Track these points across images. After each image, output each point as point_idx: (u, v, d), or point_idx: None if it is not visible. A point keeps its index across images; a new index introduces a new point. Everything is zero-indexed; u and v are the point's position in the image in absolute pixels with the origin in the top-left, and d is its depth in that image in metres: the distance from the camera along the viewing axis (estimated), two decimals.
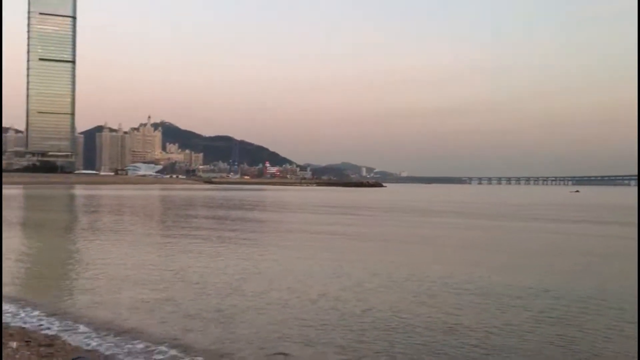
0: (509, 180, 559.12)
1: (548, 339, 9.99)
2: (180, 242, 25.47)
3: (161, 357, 8.39)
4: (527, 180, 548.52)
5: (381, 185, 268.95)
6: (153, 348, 8.83)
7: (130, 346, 8.95)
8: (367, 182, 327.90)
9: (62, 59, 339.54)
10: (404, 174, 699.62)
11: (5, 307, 11.16)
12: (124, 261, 19.02)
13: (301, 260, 19.87)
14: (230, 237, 27.79)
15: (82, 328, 9.89)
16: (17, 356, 7.80)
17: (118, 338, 9.42)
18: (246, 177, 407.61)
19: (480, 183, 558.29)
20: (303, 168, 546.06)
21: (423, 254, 22.70)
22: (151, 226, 35.96)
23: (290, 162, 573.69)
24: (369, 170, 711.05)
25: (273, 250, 22.67)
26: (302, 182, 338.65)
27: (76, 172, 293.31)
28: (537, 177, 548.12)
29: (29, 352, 8.08)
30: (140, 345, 8.96)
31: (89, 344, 8.91)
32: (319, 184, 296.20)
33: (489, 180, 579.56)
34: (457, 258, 21.50)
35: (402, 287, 14.83)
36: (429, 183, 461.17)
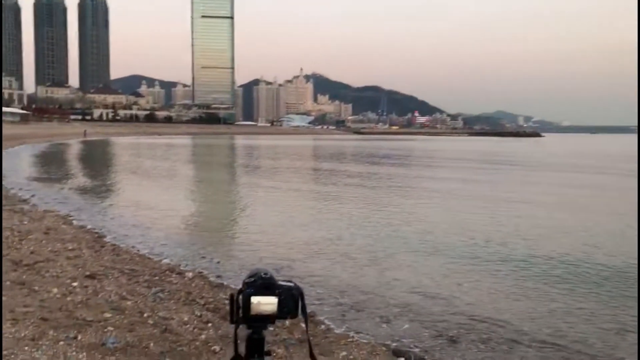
0: None
1: None
2: (336, 190, 26.17)
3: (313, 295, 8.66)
4: None
5: (539, 136, 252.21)
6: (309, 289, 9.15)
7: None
8: (524, 132, 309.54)
9: (221, 15, 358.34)
10: (566, 123, 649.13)
11: (179, 250, 12.23)
12: (287, 206, 19.99)
13: (454, 210, 19.45)
14: (382, 186, 27.99)
15: (245, 266, 10.52)
16: (193, 284, 8.53)
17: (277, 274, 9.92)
18: (394, 127, 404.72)
19: None
20: (454, 117, 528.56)
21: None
22: (309, 174, 37.35)
23: (441, 112, 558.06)
24: (527, 119, 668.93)
25: (428, 199, 22.44)
26: (453, 132, 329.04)
27: (237, 123, 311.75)
28: None
29: (202, 282, 8.80)
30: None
31: None
32: (470, 134, 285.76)
33: None
34: None
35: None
36: (593, 133, 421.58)
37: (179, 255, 11.16)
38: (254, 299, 1.65)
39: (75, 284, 7.58)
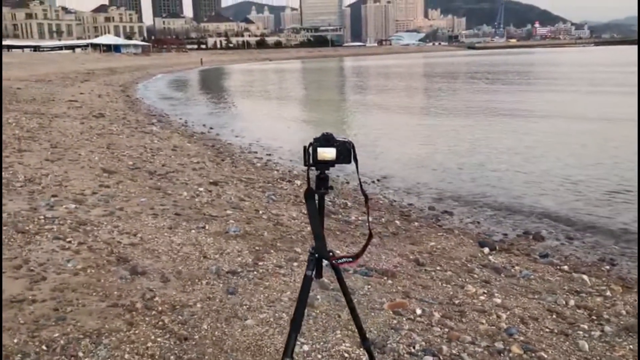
0: None
1: None
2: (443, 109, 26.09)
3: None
4: None
5: None
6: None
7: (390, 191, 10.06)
8: None
9: None
10: None
11: (289, 163, 13.22)
12: (393, 125, 20.50)
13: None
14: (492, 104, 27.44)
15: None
16: (300, 190, 9.49)
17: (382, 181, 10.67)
18: (512, 40, 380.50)
19: None
20: (579, 27, 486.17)
21: None
22: (414, 94, 37.20)
23: (564, 21, 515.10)
24: None
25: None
26: (577, 42, 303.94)
27: (345, 44, 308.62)
28: None
29: None
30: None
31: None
32: (597, 44, 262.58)
33: None
34: None
35: None
36: None
37: (289, 167, 12.23)
38: (319, 150, 2.40)
39: (201, 189, 8.75)
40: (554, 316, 4.47)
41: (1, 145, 10.14)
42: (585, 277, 5.49)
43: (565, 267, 5.89)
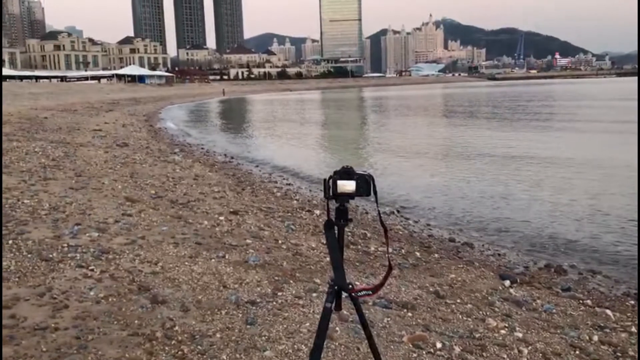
0: None
1: None
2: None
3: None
4: None
5: None
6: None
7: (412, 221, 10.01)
8: None
9: None
10: None
11: (308, 193, 13.27)
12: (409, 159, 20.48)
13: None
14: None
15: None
16: (320, 220, 9.49)
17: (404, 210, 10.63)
18: (532, 71, 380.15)
19: None
20: (600, 57, 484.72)
21: None
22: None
23: (585, 52, 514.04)
24: None
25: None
26: (598, 73, 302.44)
27: (364, 75, 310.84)
28: None
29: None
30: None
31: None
32: (619, 75, 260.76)
33: None
34: None
35: None
36: None
37: (308, 197, 12.27)
38: (339, 182, 2.44)
39: (221, 218, 8.81)
40: (577, 352, 4.39)
41: (1, 155, 10.34)
42: (609, 312, 5.40)
43: (589, 302, 5.80)
